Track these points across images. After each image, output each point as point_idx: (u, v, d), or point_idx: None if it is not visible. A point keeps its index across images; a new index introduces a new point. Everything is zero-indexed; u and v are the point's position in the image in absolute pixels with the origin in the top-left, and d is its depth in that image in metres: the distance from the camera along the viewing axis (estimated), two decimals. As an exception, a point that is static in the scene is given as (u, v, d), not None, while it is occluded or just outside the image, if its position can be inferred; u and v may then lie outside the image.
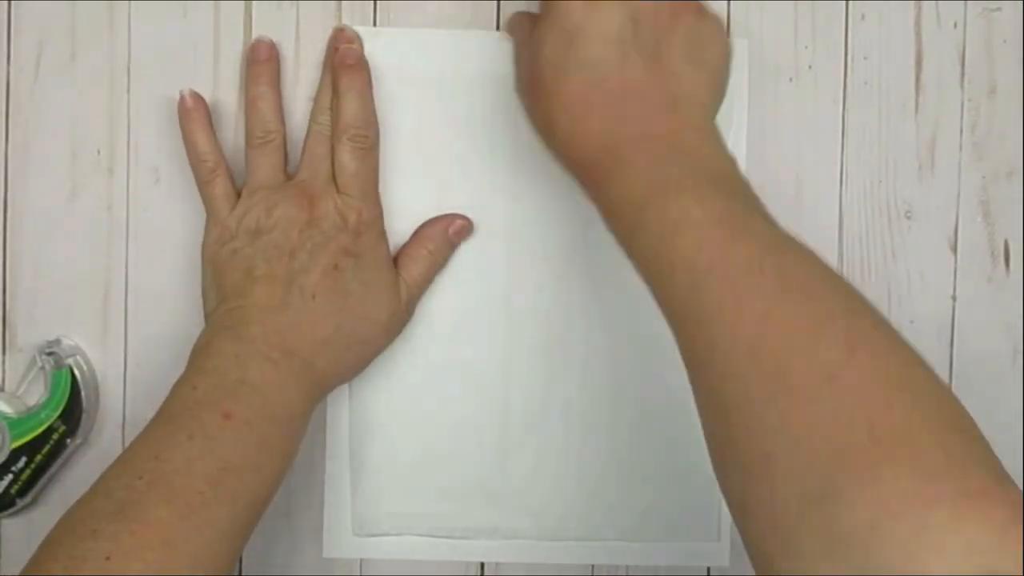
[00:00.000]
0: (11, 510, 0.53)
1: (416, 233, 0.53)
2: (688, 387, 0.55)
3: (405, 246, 0.53)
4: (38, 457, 0.52)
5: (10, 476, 0.52)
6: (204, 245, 0.52)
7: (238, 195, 0.52)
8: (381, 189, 0.53)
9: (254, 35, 0.54)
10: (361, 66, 0.52)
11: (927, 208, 0.55)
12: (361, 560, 0.55)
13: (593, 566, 0.55)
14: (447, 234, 0.53)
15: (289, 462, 0.47)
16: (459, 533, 0.55)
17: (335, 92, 0.51)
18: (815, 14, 0.55)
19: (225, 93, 0.54)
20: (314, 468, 0.55)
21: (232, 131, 0.54)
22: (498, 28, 0.54)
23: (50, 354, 0.53)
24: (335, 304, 0.49)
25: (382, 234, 0.52)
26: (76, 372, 0.53)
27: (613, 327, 0.54)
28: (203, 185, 0.52)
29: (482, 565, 0.55)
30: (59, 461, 0.53)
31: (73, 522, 0.42)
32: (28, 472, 0.53)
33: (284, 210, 0.50)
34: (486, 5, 0.54)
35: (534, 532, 0.55)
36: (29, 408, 0.53)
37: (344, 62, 0.51)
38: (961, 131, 0.55)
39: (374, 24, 0.54)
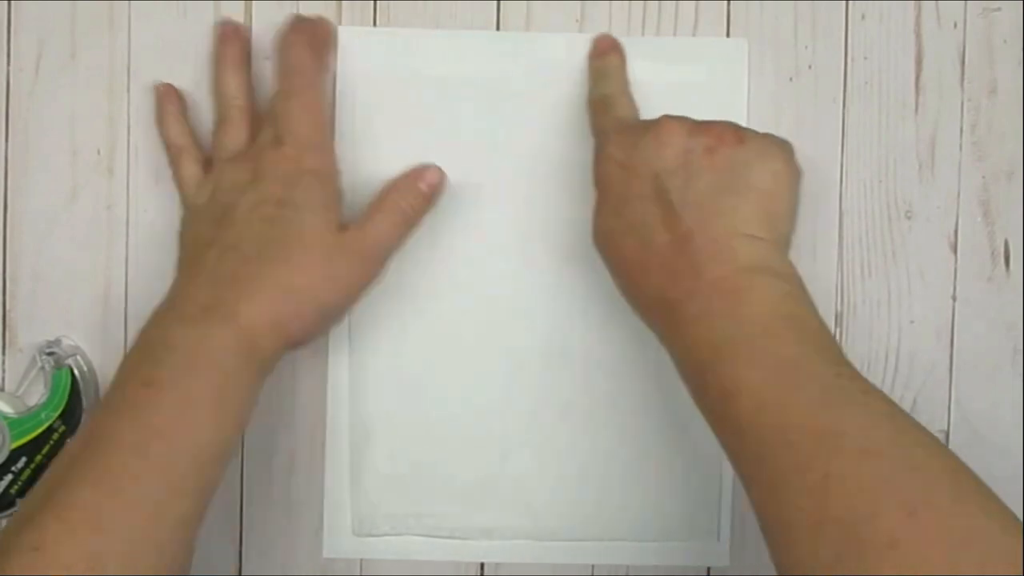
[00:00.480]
0: (11, 510, 0.53)
1: (388, 185, 0.51)
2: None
3: (376, 198, 0.50)
4: (38, 457, 0.52)
5: (10, 476, 0.52)
6: (180, 235, 0.52)
7: None
8: (379, 186, 0.52)
9: (254, 35, 0.54)
10: (298, 31, 0.51)
11: (927, 208, 0.55)
12: (361, 560, 0.55)
13: (593, 566, 0.55)
14: (417, 186, 0.51)
15: (232, 425, 0.44)
16: (459, 533, 0.55)
17: (273, 59, 0.51)
18: (815, 14, 0.55)
19: (225, 93, 0.54)
20: (314, 468, 0.55)
21: (232, 131, 0.54)
22: (498, 28, 0.54)
23: (50, 354, 0.53)
24: (264, 254, 0.46)
25: (326, 182, 0.49)
26: (76, 372, 0.53)
27: (613, 327, 0.54)
28: (172, 168, 0.53)
29: (482, 565, 0.55)
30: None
31: (13, 521, 0.41)
32: (28, 472, 0.53)
33: (231, 176, 0.49)
34: (486, 5, 0.54)
35: (534, 532, 0.55)
36: (29, 408, 0.53)
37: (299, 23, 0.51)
38: (961, 131, 0.55)
39: (374, 24, 0.54)
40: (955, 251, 0.55)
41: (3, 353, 0.54)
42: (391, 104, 0.54)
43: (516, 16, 0.54)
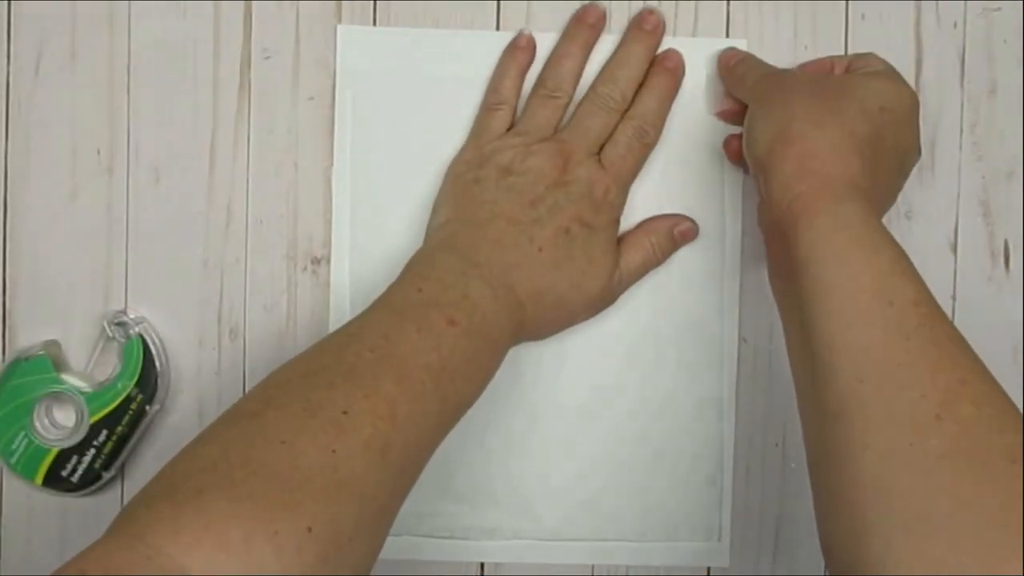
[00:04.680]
0: (97, 484, 0.53)
1: (642, 224, 0.54)
2: (688, 388, 0.55)
3: (628, 234, 0.54)
4: (119, 428, 0.53)
5: (92, 451, 0.53)
6: (454, 162, 0.53)
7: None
8: (379, 186, 0.52)
9: (254, 35, 0.54)
10: (679, 73, 0.53)
11: (927, 208, 0.55)
12: (361, 560, 0.55)
13: (593, 566, 0.55)
14: (671, 232, 0.54)
15: (484, 386, 0.48)
16: (459, 533, 0.55)
17: (645, 85, 0.53)
18: (815, 14, 0.55)
19: (225, 93, 0.54)
20: (314, 468, 0.55)
21: (232, 130, 0.54)
22: (498, 28, 0.54)
23: (119, 324, 0.53)
24: (556, 263, 0.50)
25: (616, 221, 0.52)
26: (147, 340, 0.53)
27: (614, 328, 0.54)
28: (484, 111, 0.54)
29: (482, 565, 0.55)
30: (140, 429, 0.53)
31: (303, 371, 0.43)
32: (110, 445, 0.53)
33: (539, 161, 0.51)
34: (486, 5, 0.54)
35: (534, 532, 0.55)
36: (102, 382, 0.53)
37: (665, 64, 0.53)
38: (961, 131, 0.55)
39: (374, 24, 0.54)
40: (955, 251, 0.55)
41: (3, 353, 0.54)
42: (391, 103, 0.54)
43: (516, 16, 0.54)
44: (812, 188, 0.45)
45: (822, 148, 0.46)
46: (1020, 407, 0.55)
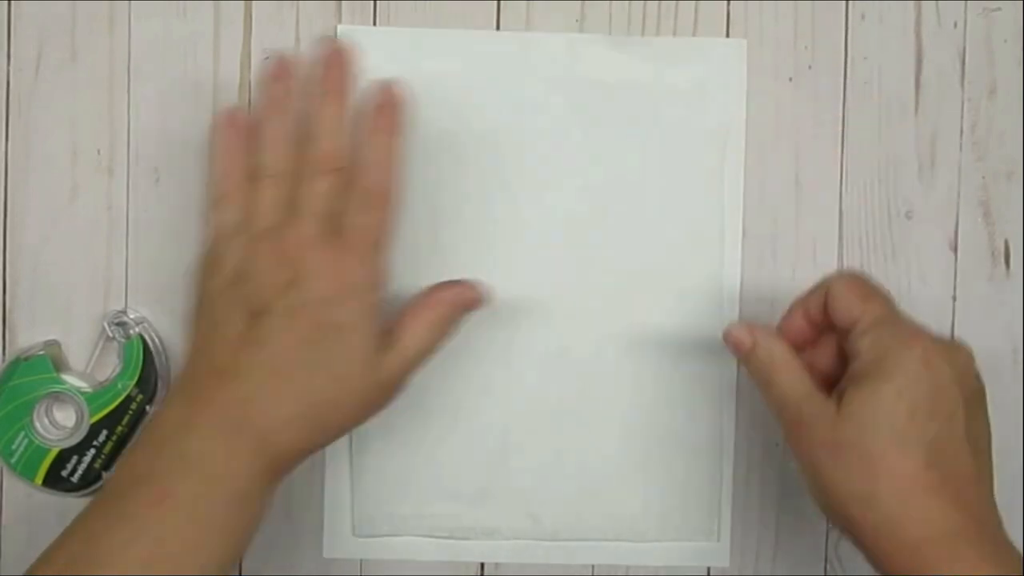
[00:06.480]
0: (97, 484, 0.53)
1: (424, 296, 0.47)
2: (688, 388, 0.55)
3: (409, 308, 0.47)
4: (119, 428, 0.53)
5: (93, 451, 0.53)
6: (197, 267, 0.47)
7: None
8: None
9: (254, 35, 0.54)
10: (396, 117, 0.47)
11: (927, 208, 0.55)
12: (361, 560, 0.55)
13: (593, 566, 0.55)
14: (456, 304, 0.47)
15: (242, 542, 0.43)
16: (459, 533, 0.55)
17: (364, 140, 0.47)
18: (815, 14, 0.55)
19: (225, 94, 0.54)
20: (314, 468, 0.55)
21: (232, 131, 0.54)
22: (498, 28, 0.54)
23: (119, 324, 0.53)
24: (304, 381, 0.43)
25: (372, 304, 0.45)
26: (147, 339, 0.53)
27: (614, 328, 0.54)
28: (208, 209, 0.47)
29: (482, 565, 0.55)
30: (140, 429, 0.53)
31: None
32: (110, 445, 0.53)
33: (263, 263, 0.44)
34: (486, 5, 0.54)
35: (534, 532, 0.55)
36: (102, 382, 0.53)
37: (381, 111, 0.47)
38: (961, 131, 0.55)
39: (374, 24, 0.54)
40: (955, 251, 0.55)
41: (3, 353, 0.54)
42: (391, 104, 0.54)
43: (516, 16, 0.54)
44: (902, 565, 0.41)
45: (890, 508, 0.41)
46: (1020, 407, 0.55)
